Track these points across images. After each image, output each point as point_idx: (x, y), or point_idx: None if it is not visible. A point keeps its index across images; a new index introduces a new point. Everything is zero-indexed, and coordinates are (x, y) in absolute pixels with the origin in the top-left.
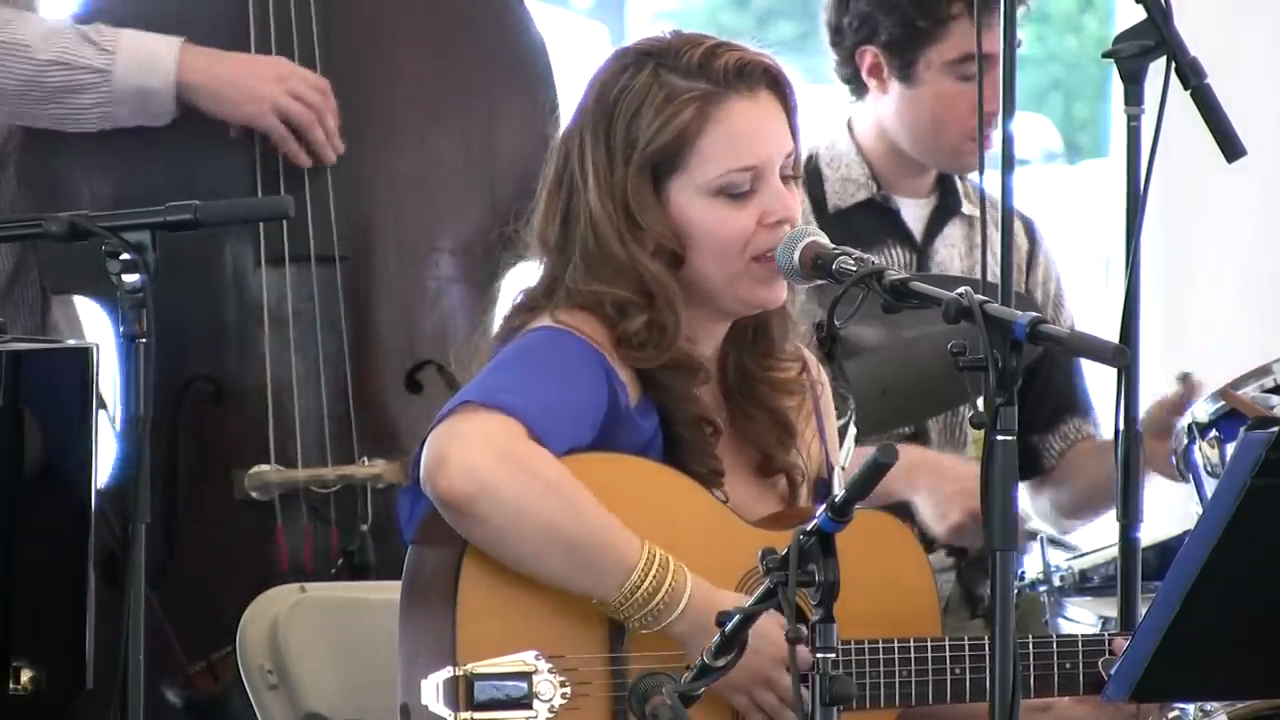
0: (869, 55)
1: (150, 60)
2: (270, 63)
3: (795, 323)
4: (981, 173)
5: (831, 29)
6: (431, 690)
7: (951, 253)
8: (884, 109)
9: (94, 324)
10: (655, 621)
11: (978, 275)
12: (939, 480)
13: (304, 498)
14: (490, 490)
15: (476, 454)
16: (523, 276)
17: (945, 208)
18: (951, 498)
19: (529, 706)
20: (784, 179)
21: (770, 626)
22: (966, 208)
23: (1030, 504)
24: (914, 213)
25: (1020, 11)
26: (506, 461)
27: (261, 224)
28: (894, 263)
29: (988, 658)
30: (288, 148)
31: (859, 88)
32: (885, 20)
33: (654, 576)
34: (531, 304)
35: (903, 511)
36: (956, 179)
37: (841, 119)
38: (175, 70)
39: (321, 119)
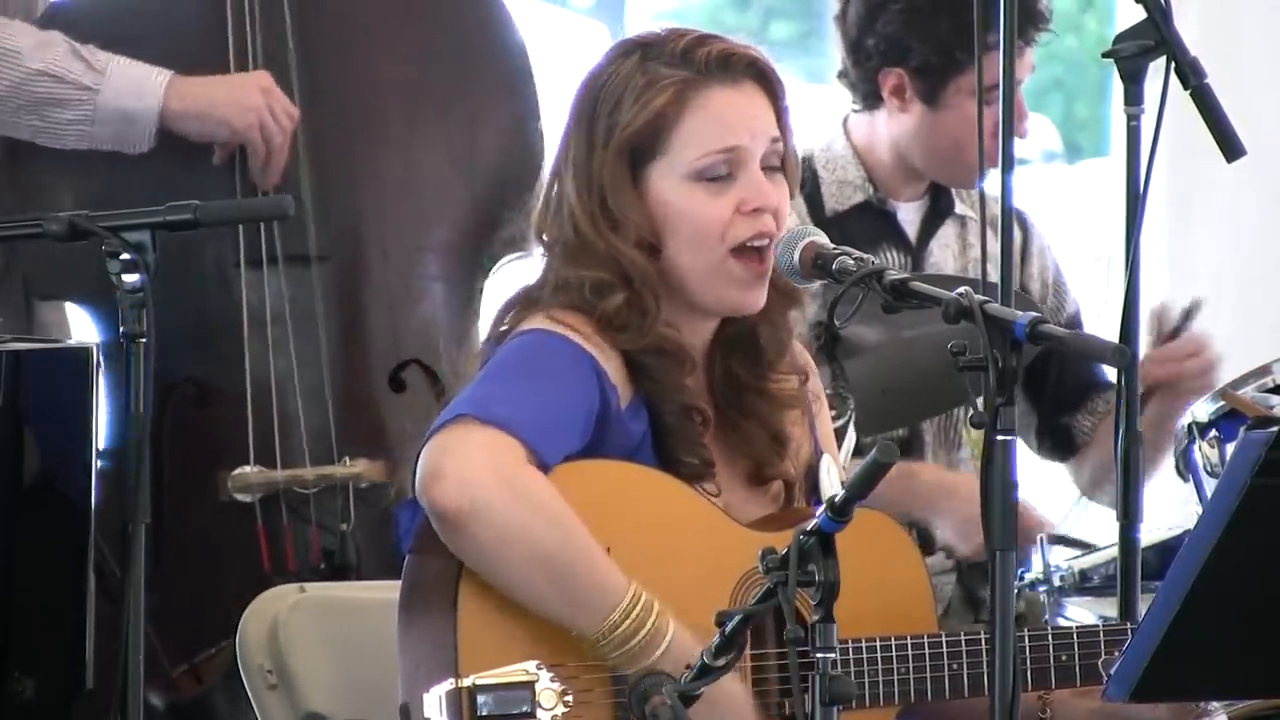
0: (894, 77)
1: (137, 84)
2: (253, 76)
3: (789, 333)
4: (982, 177)
5: (851, 46)
6: (434, 703)
7: (945, 253)
8: (901, 127)
9: (81, 329)
10: (631, 663)
11: (971, 275)
12: (958, 503)
13: (284, 499)
14: (483, 509)
15: (473, 471)
16: (510, 274)
17: (939, 210)
18: (971, 519)
19: (532, 716)
20: (768, 170)
21: (733, 686)
22: (960, 208)
23: (1074, 481)
24: (908, 215)
25: (1045, 37)
26: (503, 484)
27: (242, 226)
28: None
29: (984, 652)
30: (256, 162)
31: (874, 103)
32: (920, 46)
33: (635, 618)
34: (526, 300)
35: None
36: None
37: (838, 120)
38: (161, 96)
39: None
